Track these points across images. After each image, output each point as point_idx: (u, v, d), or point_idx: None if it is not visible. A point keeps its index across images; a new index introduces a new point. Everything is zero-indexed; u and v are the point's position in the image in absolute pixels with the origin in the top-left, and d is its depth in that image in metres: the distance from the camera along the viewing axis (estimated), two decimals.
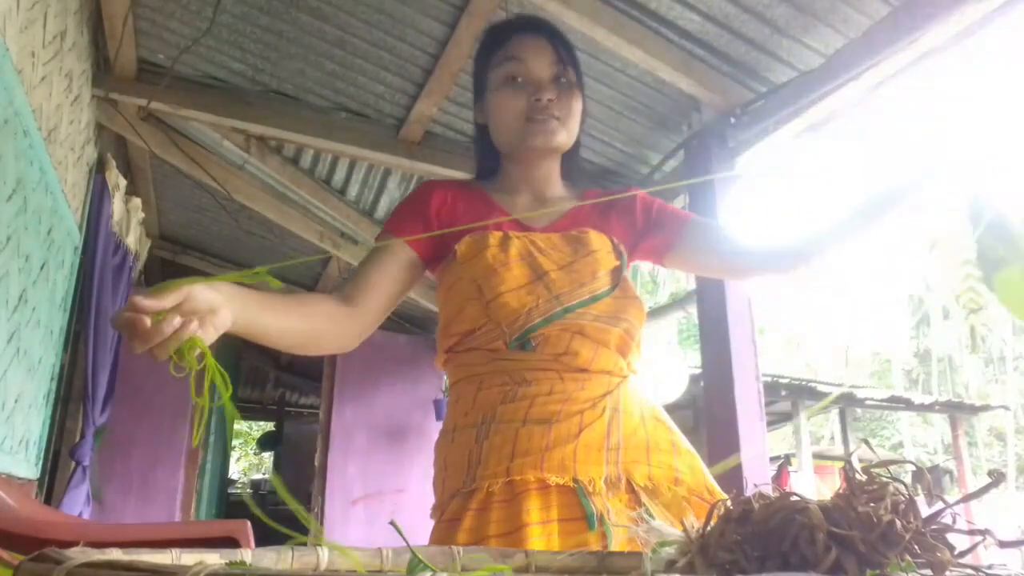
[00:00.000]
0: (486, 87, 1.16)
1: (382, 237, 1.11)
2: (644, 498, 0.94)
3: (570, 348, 1.01)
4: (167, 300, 0.71)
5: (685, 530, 0.56)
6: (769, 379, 6.99)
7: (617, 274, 1.07)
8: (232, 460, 10.41)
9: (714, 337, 2.57)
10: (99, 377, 3.25)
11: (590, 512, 0.90)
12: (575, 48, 1.17)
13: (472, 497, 0.94)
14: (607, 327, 1.03)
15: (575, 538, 0.89)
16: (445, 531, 0.93)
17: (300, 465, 7.82)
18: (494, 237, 1.06)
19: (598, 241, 1.09)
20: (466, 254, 1.05)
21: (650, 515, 0.90)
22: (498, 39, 1.15)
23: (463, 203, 1.14)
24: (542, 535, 0.89)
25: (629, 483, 0.96)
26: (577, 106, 1.14)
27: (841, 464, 0.53)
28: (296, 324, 0.95)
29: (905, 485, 0.49)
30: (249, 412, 9.78)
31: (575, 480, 0.93)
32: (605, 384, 1.02)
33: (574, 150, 1.20)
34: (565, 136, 1.13)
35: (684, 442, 1.06)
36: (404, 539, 0.57)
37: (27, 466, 2.62)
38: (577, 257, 1.06)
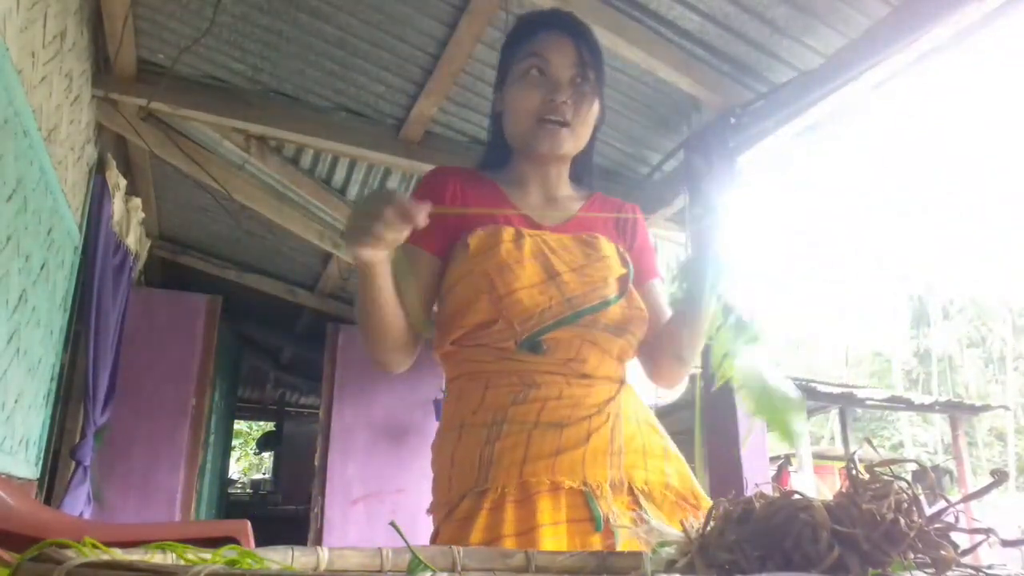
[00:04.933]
0: (507, 78, 1.15)
1: (404, 249, 0.99)
2: (642, 501, 0.96)
3: (579, 354, 1.02)
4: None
5: (685, 530, 0.56)
6: None
7: (624, 282, 1.08)
8: (232, 460, 10.40)
9: None
10: (99, 377, 3.25)
11: (597, 515, 0.92)
12: (601, 51, 1.15)
13: (485, 496, 0.94)
14: (613, 338, 1.04)
15: (582, 539, 0.91)
16: (458, 530, 0.93)
17: (300, 465, 7.81)
18: (507, 232, 1.04)
19: (608, 247, 1.10)
20: (479, 247, 1.03)
21: (649, 517, 0.91)
22: (526, 32, 1.15)
23: (472, 191, 1.12)
24: (553, 536, 0.90)
25: (630, 487, 0.98)
26: (591, 111, 1.13)
27: (841, 464, 0.54)
28: (399, 323, 1.01)
29: (908, 483, 0.49)
30: (249, 412, 9.78)
31: (584, 483, 0.95)
32: (608, 390, 1.04)
33: (585, 153, 1.19)
34: (572, 143, 1.13)
35: (673, 448, 1.07)
36: (404, 539, 0.57)
37: (27, 466, 2.62)
38: (589, 261, 1.06)
